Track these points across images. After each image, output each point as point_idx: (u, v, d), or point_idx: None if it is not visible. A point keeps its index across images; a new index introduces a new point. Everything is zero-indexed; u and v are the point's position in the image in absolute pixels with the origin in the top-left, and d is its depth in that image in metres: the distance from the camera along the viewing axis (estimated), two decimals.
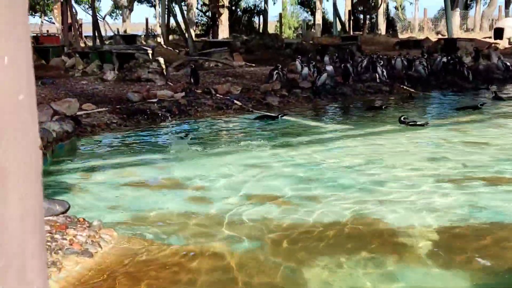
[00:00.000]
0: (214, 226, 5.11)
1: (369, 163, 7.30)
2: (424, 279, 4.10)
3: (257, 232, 4.95)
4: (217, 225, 5.15)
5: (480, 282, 4.02)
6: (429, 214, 5.31)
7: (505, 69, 18.22)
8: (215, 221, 5.23)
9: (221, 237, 4.86)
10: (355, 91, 14.47)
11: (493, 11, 39.27)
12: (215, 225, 5.14)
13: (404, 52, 19.90)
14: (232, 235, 4.88)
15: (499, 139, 8.59)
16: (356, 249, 4.52)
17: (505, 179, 6.39)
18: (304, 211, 5.46)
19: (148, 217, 5.38)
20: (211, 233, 4.95)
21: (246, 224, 5.14)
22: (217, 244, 4.69)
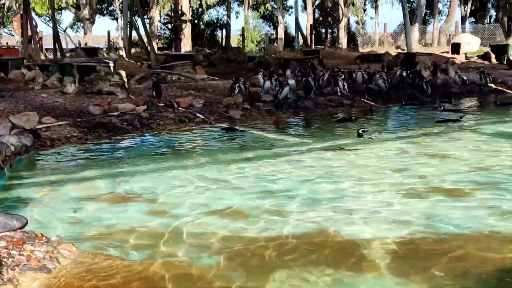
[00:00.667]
0: (175, 240, 5.08)
1: (329, 176, 7.36)
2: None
3: (219, 245, 4.93)
4: (178, 238, 5.12)
5: None
6: (387, 225, 5.37)
7: (462, 83, 18.66)
8: (176, 235, 5.20)
9: (182, 251, 4.83)
10: (317, 104, 14.61)
11: (450, 27, 40.23)
12: (176, 239, 5.10)
13: (364, 66, 20.20)
14: (193, 249, 4.86)
15: (456, 151, 8.76)
16: (314, 261, 4.55)
17: (462, 191, 6.51)
18: (263, 224, 5.46)
19: (108, 231, 5.31)
20: (172, 247, 4.92)
21: (207, 238, 5.12)
22: (178, 258, 4.67)
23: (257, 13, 48.02)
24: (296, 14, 34.32)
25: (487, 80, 19.26)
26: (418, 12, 38.93)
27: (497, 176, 7.16)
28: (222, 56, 25.27)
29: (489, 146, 9.20)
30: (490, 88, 18.56)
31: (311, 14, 35.77)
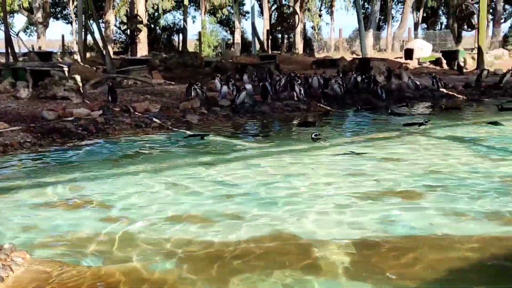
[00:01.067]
0: (131, 245, 5.05)
1: (285, 179, 7.42)
2: None
3: (176, 250, 4.93)
4: (135, 244, 5.09)
5: None
6: (343, 228, 5.45)
7: (415, 88, 19.07)
8: (132, 240, 5.17)
9: (138, 256, 4.80)
10: (274, 109, 14.70)
11: (403, 33, 41.07)
12: (132, 244, 5.07)
13: (320, 71, 20.42)
14: (150, 254, 4.84)
15: (408, 155, 8.95)
16: (272, 264, 4.58)
17: (414, 193, 6.64)
18: (220, 228, 5.47)
19: (63, 238, 5.24)
20: (128, 253, 4.88)
21: (164, 243, 5.10)
22: (134, 263, 4.64)
23: (214, 18, 48.03)
24: (253, 19, 34.50)
25: (439, 85, 19.72)
26: (372, 18, 39.62)
27: (448, 178, 7.33)
28: (179, 60, 25.18)
29: (439, 150, 9.41)
30: (442, 93, 19.01)
31: (267, 19, 35.96)
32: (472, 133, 11.06)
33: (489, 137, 10.60)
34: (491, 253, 4.79)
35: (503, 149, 9.35)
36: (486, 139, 10.35)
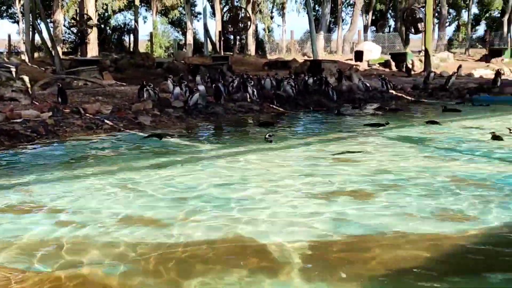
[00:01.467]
0: (84, 250, 4.96)
1: (240, 180, 7.43)
2: None
3: (129, 253, 4.86)
4: (88, 248, 4.99)
5: None
6: (298, 228, 5.47)
7: (365, 90, 19.43)
8: (85, 245, 5.08)
9: (92, 261, 4.72)
10: (227, 110, 14.73)
11: (353, 35, 41.71)
12: (86, 249, 4.98)
13: (273, 73, 20.57)
14: (103, 259, 4.76)
15: (362, 156, 9.09)
16: (229, 267, 4.57)
17: (368, 194, 6.74)
18: (175, 231, 5.43)
19: (12, 243, 5.10)
20: (82, 257, 4.80)
21: (116, 246, 5.03)
22: (88, 268, 4.57)
23: (166, 19, 47.71)
24: (205, 20, 34.38)
25: (388, 86, 20.16)
26: (323, 20, 40.12)
27: (398, 178, 7.48)
28: (130, 61, 24.92)
29: (389, 150, 9.60)
30: (391, 95, 19.43)
31: (219, 20, 35.95)
32: (419, 134, 11.32)
33: (436, 137, 10.88)
34: (441, 251, 4.90)
35: (450, 149, 9.62)
36: (434, 139, 10.62)
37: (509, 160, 8.69)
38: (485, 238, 5.19)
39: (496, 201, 6.33)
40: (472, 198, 6.44)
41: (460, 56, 36.57)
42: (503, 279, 4.34)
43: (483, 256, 4.79)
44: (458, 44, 47.77)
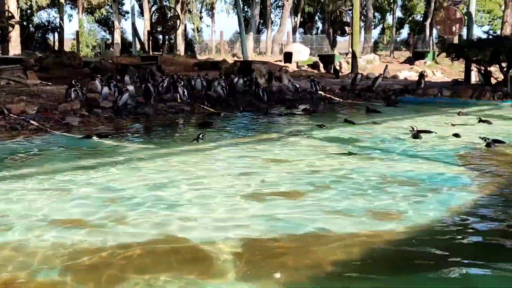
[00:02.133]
0: (8, 254, 4.80)
1: (172, 182, 7.37)
2: None
3: (58, 258, 4.74)
4: (12, 253, 4.84)
5: None
6: (231, 229, 5.49)
7: (295, 91, 19.71)
8: (14, 250, 4.91)
9: (17, 265, 4.57)
10: (157, 111, 14.58)
11: (282, 36, 42.20)
12: (10, 253, 4.82)
13: (203, 73, 20.52)
14: (29, 263, 4.62)
15: (291, 156, 9.22)
16: (162, 269, 4.54)
17: (300, 194, 6.84)
18: (107, 234, 5.33)
19: None
20: (6, 262, 4.63)
21: (45, 251, 4.88)
22: (13, 273, 4.42)
23: (92, 17, 46.69)
24: (133, 19, 33.90)
25: (317, 87, 20.52)
26: (252, 21, 40.38)
27: (329, 178, 7.64)
28: (56, 60, 24.19)
29: (319, 150, 9.79)
30: (320, 96, 19.79)
31: (148, 20, 35.52)
32: (348, 134, 11.58)
33: (363, 137, 11.18)
34: (370, 249, 5.03)
35: (376, 148, 9.91)
36: (361, 139, 10.91)
37: (429, 158, 9.05)
38: (412, 235, 5.36)
39: (421, 199, 6.58)
40: (398, 197, 6.66)
41: (386, 58, 37.67)
42: (429, 277, 4.49)
43: (410, 253, 4.96)
44: (383, 46, 49.22)
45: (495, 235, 5.37)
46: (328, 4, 44.16)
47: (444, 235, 5.38)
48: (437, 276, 4.47)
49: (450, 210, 6.16)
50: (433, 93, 20.26)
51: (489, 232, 5.48)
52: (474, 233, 5.45)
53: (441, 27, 28.73)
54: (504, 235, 5.37)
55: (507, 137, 10.93)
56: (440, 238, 5.30)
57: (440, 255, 4.85)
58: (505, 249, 5.03)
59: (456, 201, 6.54)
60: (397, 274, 4.55)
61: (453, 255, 4.84)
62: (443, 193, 6.89)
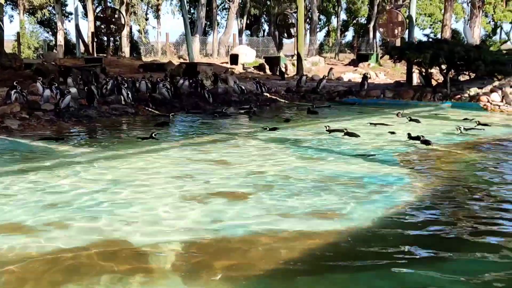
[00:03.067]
0: None
1: (115, 184, 7.31)
2: None
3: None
4: None
5: None
6: (174, 231, 5.50)
7: (241, 92, 19.77)
8: None
9: None
10: (101, 113, 14.39)
11: (228, 38, 42.22)
12: None
13: (148, 75, 20.35)
14: None
15: (236, 157, 9.26)
16: (102, 272, 4.51)
17: (244, 194, 6.90)
18: (45, 239, 5.25)
19: None
20: None
21: None
22: None
23: (34, 18, 45.57)
24: (76, 21, 33.32)
25: (263, 89, 20.65)
26: (198, 23, 40.27)
27: (273, 178, 7.72)
28: None
29: (263, 151, 9.88)
30: (265, 97, 19.92)
31: (92, 21, 34.94)
32: (292, 135, 11.71)
33: (306, 138, 11.33)
34: (314, 248, 5.13)
35: (319, 149, 10.06)
36: (303, 140, 11.05)
37: (369, 158, 9.26)
38: (353, 234, 5.49)
39: (362, 198, 6.73)
40: (340, 196, 6.80)
41: (331, 60, 38.18)
42: (371, 274, 4.61)
43: (352, 251, 5.07)
44: (328, 49, 49.85)
45: (433, 233, 5.53)
46: (274, 6, 44.50)
47: (385, 233, 5.52)
48: (378, 273, 4.59)
49: (390, 209, 6.32)
50: (376, 94, 20.66)
51: (428, 230, 5.63)
52: (414, 231, 5.60)
53: (384, 30, 29.48)
54: (442, 233, 5.54)
55: (429, 136, 11.24)
56: (381, 236, 5.43)
57: (381, 253, 4.98)
58: (443, 247, 5.17)
59: (396, 200, 6.73)
60: (340, 272, 4.64)
61: (393, 252, 4.98)
62: (383, 192, 7.06)
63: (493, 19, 47.71)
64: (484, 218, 5.99)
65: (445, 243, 5.28)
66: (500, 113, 16.72)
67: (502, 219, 5.97)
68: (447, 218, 6.00)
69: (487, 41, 44.64)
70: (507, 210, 6.30)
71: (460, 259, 4.83)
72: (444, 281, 4.39)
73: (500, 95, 17.83)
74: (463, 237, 5.40)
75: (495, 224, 5.81)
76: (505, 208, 6.38)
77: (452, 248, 5.08)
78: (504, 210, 6.28)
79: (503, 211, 6.26)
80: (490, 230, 5.62)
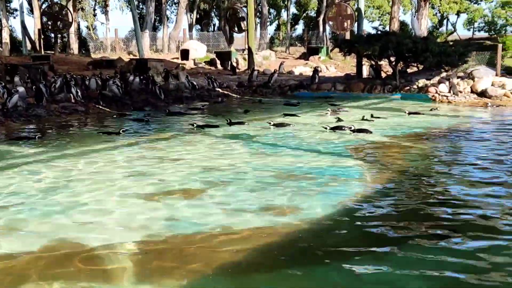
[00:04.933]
0: None
1: (67, 185, 7.19)
2: None
3: None
4: None
5: None
6: (128, 231, 5.46)
7: (193, 88, 19.71)
8: None
9: None
10: (50, 112, 14.13)
11: (178, 34, 41.89)
12: None
13: (97, 72, 20.06)
14: None
15: (189, 154, 9.23)
16: (58, 274, 4.44)
17: (199, 192, 6.89)
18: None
19: None
20: None
21: None
22: None
23: None
24: (22, 17, 32.50)
25: (215, 85, 20.64)
26: (148, 18, 39.77)
27: (228, 175, 7.74)
28: None
29: (217, 148, 9.88)
30: (217, 93, 19.91)
31: (38, 18, 34.12)
32: (242, 131, 11.74)
33: (259, 133, 11.39)
34: (267, 243, 5.16)
35: (273, 145, 10.13)
36: (256, 136, 11.10)
37: (322, 152, 9.38)
38: (307, 228, 5.54)
39: (316, 192, 6.81)
40: (293, 191, 6.86)
41: (281, 54, 38.37)
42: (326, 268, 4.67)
43: (306, 246, 5.12)
44: (279, 42, 50.05)
45: (386, 225, 5.63)
46: (223, 0, 44.39)
47: (339, 226, 5.60)
48: (333, 267, 4.65)
49: (343, 202, 6.41)
50: (327, 87, 20.92)
51: (381, 222, 5.73)
52: (367, 223, 5.69)
53: (334, 23, 29.76)
54: (394, 224, 5.64)
55: (380, 127, 11.48)
56: (335, 230, 5.51)
57: (335, 247, 5.05)
58: (396, 239, 5.28)
59: (348, 192, 6.83)
60: (296, 267, 4.67)
61: (347, 246, 5.06)
62: (336, 185, 7.16)
63: (439, 10, 48.94)
64: (434, 209, 6.14)
65: (397, 235, 5.38)
66: (447, 103, 17.17)
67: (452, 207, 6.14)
68: (399, 210, 6.12)
69: (434, 33, 45.81)
70: (454, 199, 6.48)
71: (413, 251, 4.92)
72: (397, 275, 4.47)
73: (447, 86, 18.32)
74: (414, 229, 5.51)
75: (445, 213, 5.96)
76: (452, 197, 6.56)
77: (405, 240, 5.19)
78: (451, 199, 6.46)
79: (451, 200, 6.43)
80: (441, 220, 5.76)
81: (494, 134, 11.28)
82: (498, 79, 18.62)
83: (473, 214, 5.93)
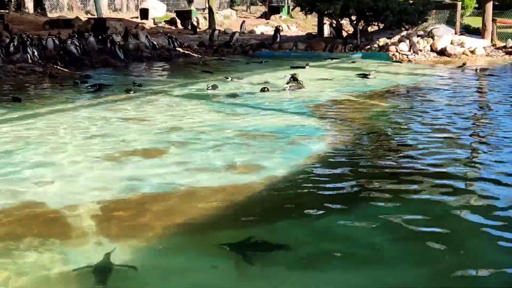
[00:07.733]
0: None
1: (26, 146, 7.10)
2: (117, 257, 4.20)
3: None
4: None
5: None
6: (90, 191, 5.42)
7: (153, 48, 19.45)
8: None
9: None
10: (7, 73, 13.82)
11: None
12: None
13: (55, 32, 19.58)
14: None
15: (151, 114, 9.18)
16: (19, 237, 4.39)
17: (159, 152, 6.88)
18: None
19: None
20: None
21: None
22: None
23: None
24: None
25: (175, 44, 20.40)
26: None
27: (189, 135, 7.73)
28: None
29: (178, 108, 9.87)
30: (178, 52, 19.71)
31: None
32: (204, 90, 11.68)
33: (218, 93, 11.37)
34: (232, 202, 5.20)
35: (233, 104, 10.15)
36: (217, 95, 11.10)
37: (284, 111, 9.47)
38: (271, 186, 5.57)
39: (278, 151, 6.87)
40: (257, 150, 6.91)
41: (242, 13, 37.97)
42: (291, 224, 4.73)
43: (271, 204, 5.18)
44: (240, 1, 49.49)
45: (348, 181, 5.72)
46: None
47: (300, 184, 5.65)
48: (294, 223, 4.73)
49: (304, 160, 6.49)
50: (289, 47, 20.90)
51: (342, 178, 5.83)
52: (328, 180, 5.77)
53: None
54: (355, 181, 5.73)
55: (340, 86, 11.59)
56: (296, 188, 5.56)
57: (297, 204, 5.13)
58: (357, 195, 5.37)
59: (310, 150, 6.93)
60: (256, 223, 4.74)
61: (310, 202, 5.13)
62: (298, 144, 7.24)
63: None
64: (391, 163, 6.29)
65: (357, 189, 5.48)
66: (407, 62, 17.39)
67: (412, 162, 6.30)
68: (359, 165, 6.24)
69: None
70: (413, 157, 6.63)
71: (372, 205, 5.03)
72: (357, 228, 4.58)
73: (407, 44, 18.51)
74: (374, 183, 5.62)
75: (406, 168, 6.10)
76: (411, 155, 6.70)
77: (364, 195, 5.30)
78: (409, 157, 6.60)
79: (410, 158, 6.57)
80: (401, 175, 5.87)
81: (450, 92, 11.53)
82: (457, 38, 18.90)
83: (427, 165, 6.11)
